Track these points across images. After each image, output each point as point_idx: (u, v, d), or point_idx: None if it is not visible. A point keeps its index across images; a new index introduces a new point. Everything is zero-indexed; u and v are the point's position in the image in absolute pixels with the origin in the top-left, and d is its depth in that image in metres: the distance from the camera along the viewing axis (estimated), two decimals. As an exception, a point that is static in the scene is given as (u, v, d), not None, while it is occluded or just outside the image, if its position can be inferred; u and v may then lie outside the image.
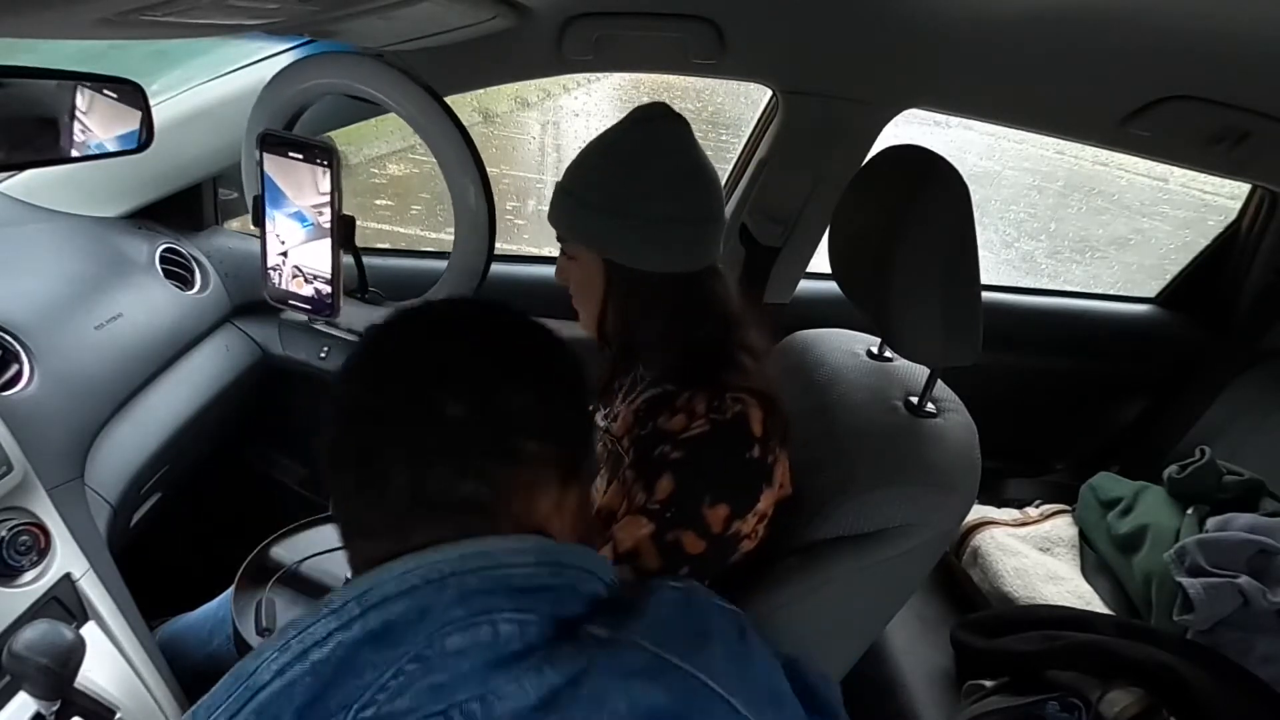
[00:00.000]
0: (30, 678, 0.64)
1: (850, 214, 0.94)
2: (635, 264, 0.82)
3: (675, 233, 0.81)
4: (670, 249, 0.82)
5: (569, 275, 0.88)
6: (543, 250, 4.78)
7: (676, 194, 0.81)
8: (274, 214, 0.66)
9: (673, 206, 0.81)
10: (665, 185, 0.81)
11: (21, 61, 0.74)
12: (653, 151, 0.81)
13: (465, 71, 1.21)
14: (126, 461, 0.98)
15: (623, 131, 0.83)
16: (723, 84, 1.43)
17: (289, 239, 0.66)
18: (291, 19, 0.74)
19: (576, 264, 0.87)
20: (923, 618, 1.21)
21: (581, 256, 0.85)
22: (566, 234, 0.86)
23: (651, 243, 0.81)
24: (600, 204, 0.81)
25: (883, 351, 1.00)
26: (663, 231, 0.81)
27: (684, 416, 0.80)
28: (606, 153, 0.83)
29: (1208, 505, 1.26)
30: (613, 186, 0.81)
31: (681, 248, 0.82)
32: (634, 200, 0.80)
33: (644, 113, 0.83)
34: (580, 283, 0.87)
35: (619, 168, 0.81)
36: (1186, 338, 1.70)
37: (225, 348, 1.26)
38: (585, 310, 0.88)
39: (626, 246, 0.82)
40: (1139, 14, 0.92)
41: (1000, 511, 1.40)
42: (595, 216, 0.81)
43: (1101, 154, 5.55)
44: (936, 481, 0.82)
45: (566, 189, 0.84)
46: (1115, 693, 0.98)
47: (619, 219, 0.80)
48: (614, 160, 0.82)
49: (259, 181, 0.65)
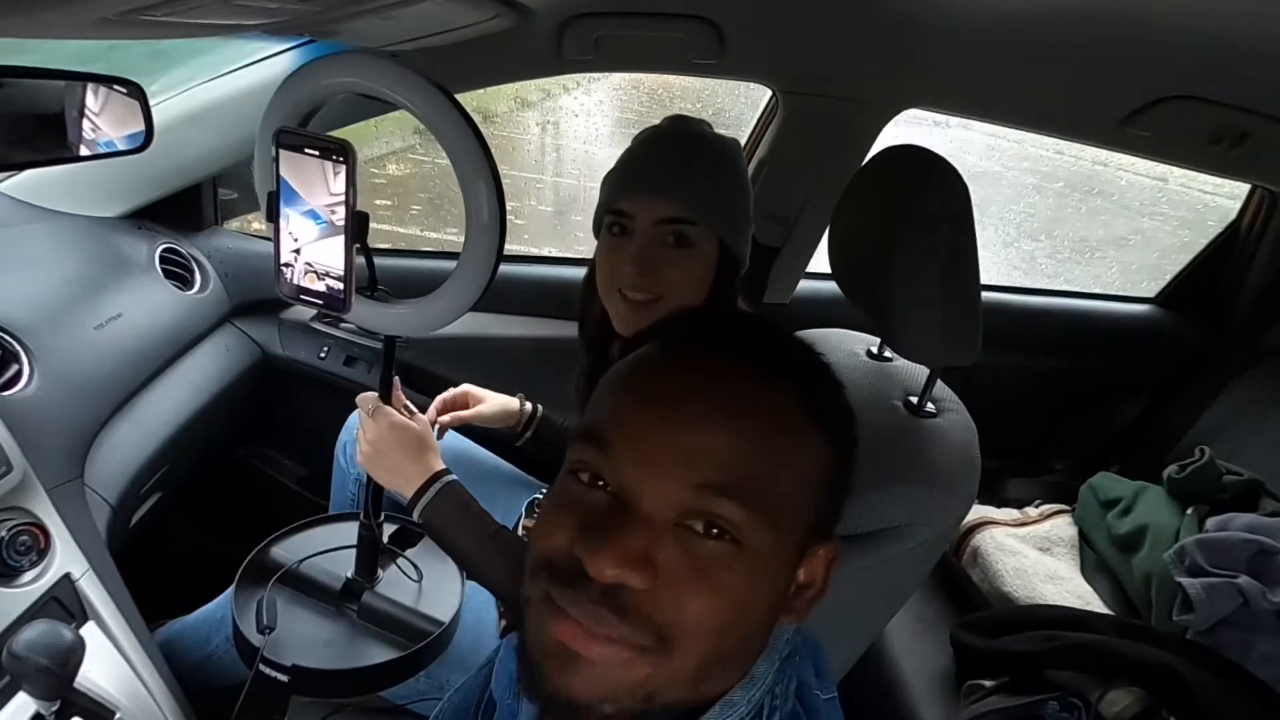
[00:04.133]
0: (30, 678, 0.64)
1: (850, 214, 0.94)
2: (741, 251, 0.84)
3: (751, 225, 0.85)
4: (748, 238, 0.86)
5: (672, 264, 0.80)
6: (543, 250, 4.79)
7: (749, 187, 0.85)
8: (288, 212, 0.66)
9: (750, 199, 0.85)
10: (746, 177, 0.85)
11: (21, 61, 0.74)
12: (727, 147, 0.84)
13: (465, 71, 1.21)
14: (126, 461, 0.98)
15: (686, 129, 0.84)
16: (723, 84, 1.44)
17: (302, 237, 0.67)
18: (291, 19, 0.74)
19: (688, 252, 0.80)
20: (923, 618, 1.21)
21: (700, 244, 0.80)
22: (695, 208, 0.79)
23: (748, 229, 0.84)
24: (726, 191, 0.80)
25: (882, 351, 1.00)
26: (750, 223, 0.85)
27: None
28: (696, 147, 0.82)
29: (1207, 505, 1.26)
30: (729, 167, 0.81)
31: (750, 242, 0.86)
32: (744, 196, 0.83)
33: (699, 124, 0.86)
34: (686, 273, 0.81)
35: (719, 154, 0.82)
36: (1186, 337, 1.70)
37: (225, 348, 1.27)
38: (678, 303, 0.81)
39: (741, 237, 0.83)
40: (1139, 14, 0.92)
41: (1000, 511, 1.40)
42: (727, 192, 0.81)
43: (1101, 154, 5.55)
44: (936, 481, 0.82)
45: (686, 160, 0.80)
46: (1115, 693, 0.98)
47: (740, 209, 0.82)
48: (710, 155, 0.82)
49: (274, 178, 0.66)
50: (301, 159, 0.65)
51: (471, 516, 0.85)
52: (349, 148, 0.64)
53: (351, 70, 0.70)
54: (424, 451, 0.85)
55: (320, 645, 0.83)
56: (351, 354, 1.38)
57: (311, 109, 0.73)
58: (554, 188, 6.14)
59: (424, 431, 0.85)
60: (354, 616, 0.87)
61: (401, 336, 0.83)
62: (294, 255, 0.69)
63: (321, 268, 0.68)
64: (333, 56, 0.71)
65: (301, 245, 0.68)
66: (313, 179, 0.65)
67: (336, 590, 0.87)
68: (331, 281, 0.68)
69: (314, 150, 0.64)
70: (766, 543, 0.41)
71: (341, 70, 0.70)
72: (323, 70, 0.71)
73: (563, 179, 6.41)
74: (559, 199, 5.92)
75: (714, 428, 0.41)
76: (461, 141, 0.68)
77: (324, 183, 0.65)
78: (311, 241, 0.68)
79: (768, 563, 0.42)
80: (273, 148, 0.66)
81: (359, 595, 0.87)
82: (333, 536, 0.94)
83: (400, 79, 0.68)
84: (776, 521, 0.41)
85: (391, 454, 0.83)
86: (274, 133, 0.66)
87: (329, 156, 0.64)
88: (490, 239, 0.71)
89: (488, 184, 0.70)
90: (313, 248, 0.68)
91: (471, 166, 0.69)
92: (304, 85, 0.72)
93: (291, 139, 0.65)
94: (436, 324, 0.77)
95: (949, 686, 1.10)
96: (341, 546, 0.91)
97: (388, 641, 0.84)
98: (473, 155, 0.69)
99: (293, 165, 0.65)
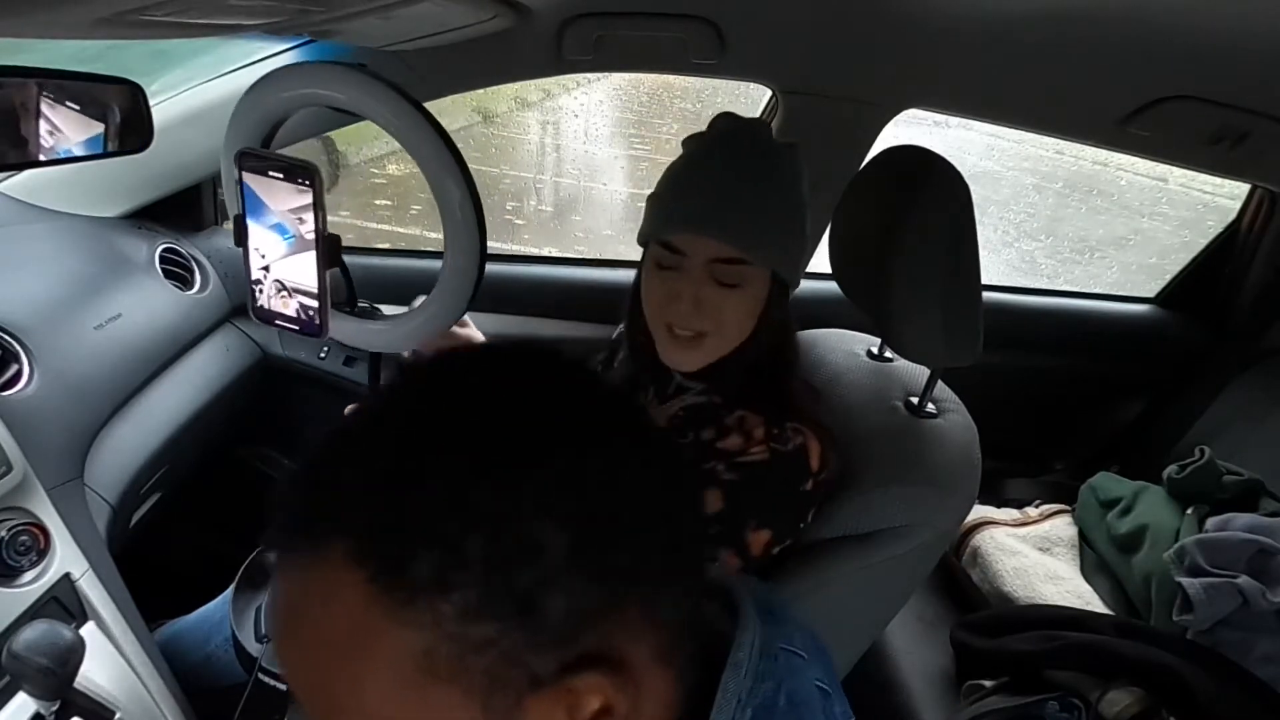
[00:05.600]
0: (30, 678, 0.64)
1: (850, 214, 0.94)
2: (794, 281, 0.79)
3: (807, 249, 0.81)
4: (804, 265, 0.82)
5: (722, 303, 0.76)
6: (542, 250, 4.79)
7: (804, 203, 0.79)
8: (253, 226, 0.63)
9: (809, 225, 0.80)
10: (805, 202, 0.79)
11: (21, 61, 0.74)
12: (789, 168, 0.78)
13: (465, 71, 1.21)
14: (126, 461, 0.98)
15: (751, 144, 0.77)
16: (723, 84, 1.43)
17: (270, 253, 0.63)
18: (291, 19, 0.74)
19: (739, 291, 0.76)
20: (923, 618, 1.21)
21: (751, 281, 0.76)
22: (749, 252, 0.74)
23: (803, 249, 0.80)
24: (780, 218, 0.76)
25: (883, 352, 1.00)
26: (807, 248, 0.80)
27: (739, 438, 0.78)
28: (751, 167, 0.75)
29: (1207, 505, 1.26)
30: (783, 196, 0.76)
31: (805, 264, 0.82)
32: (799, 215, 0.78)
33: (738, 124, 0.79)
34: (739, 309, 0.77)
35: (775, 181, 0.76)
36: (1186, 338, 1.70)
37: (225, 348, 1.26)
38: (727, 340, 0.79)
39: (796, 263, 0.79)
40: (1139, 14, 0.92)
41: (1000, 511, 1.40)
42: (776, 232, 0.76)
43: (1101, 154, 5.55)
44: (936, 482, 0.82)
45: (739, 200, 0.74)
46: (1115, 693, 0.98)
47: (794, 234, 0.77)
48: (765, 174, 0.75)
49: (239, 200, 0.63)
50: (265, 181, 0.62)
51: None
52: (314, 170, 0.61)
53: (311, 82, 0.67)
54: None
55: None
56: (351, 354, 1.38)
57: (273, 125, 0.71)
58: (554, 188, 6.14)
59: None
60: None
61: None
62: (263, 273, 0.65)
63: (293, 284, 0.64)
64: (289, 68, 0.68)
65: (270, 262, 0.64)
66: (279, 195, 0.62)
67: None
68: (304, 299, 0.64)
69: (278, 173, 0.61)
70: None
71: (300, 82, 0.67)
72: (279, 83, 0.68)
73: (563, 179, 6.41)
74: (559, 199, 5.92)
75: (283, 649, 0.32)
76: (430, 148, 0.66)
77: (289, 193, 0.62)
78: (280, 258, 0.64)
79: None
80: (235, 170, 0.63)
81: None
82: None
83: (357, 87, 0.65)
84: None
85: None
86: (235, 154, 0.63)
87: (293, 179, 0.61)
88: (470, 249, 0.68)
89: (460, 186, 0.67)
90: (282, 264, 0.64)
91: (442, 173, 0.66)
92: (262, 101, 0.69)
93: (253, 162, 0.62)
94: (419, 339, 0.75)
95: (949, 686, 1.10)
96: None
97: None
98: (441, 158, 0.66)
99: (258, 185, 0.63)
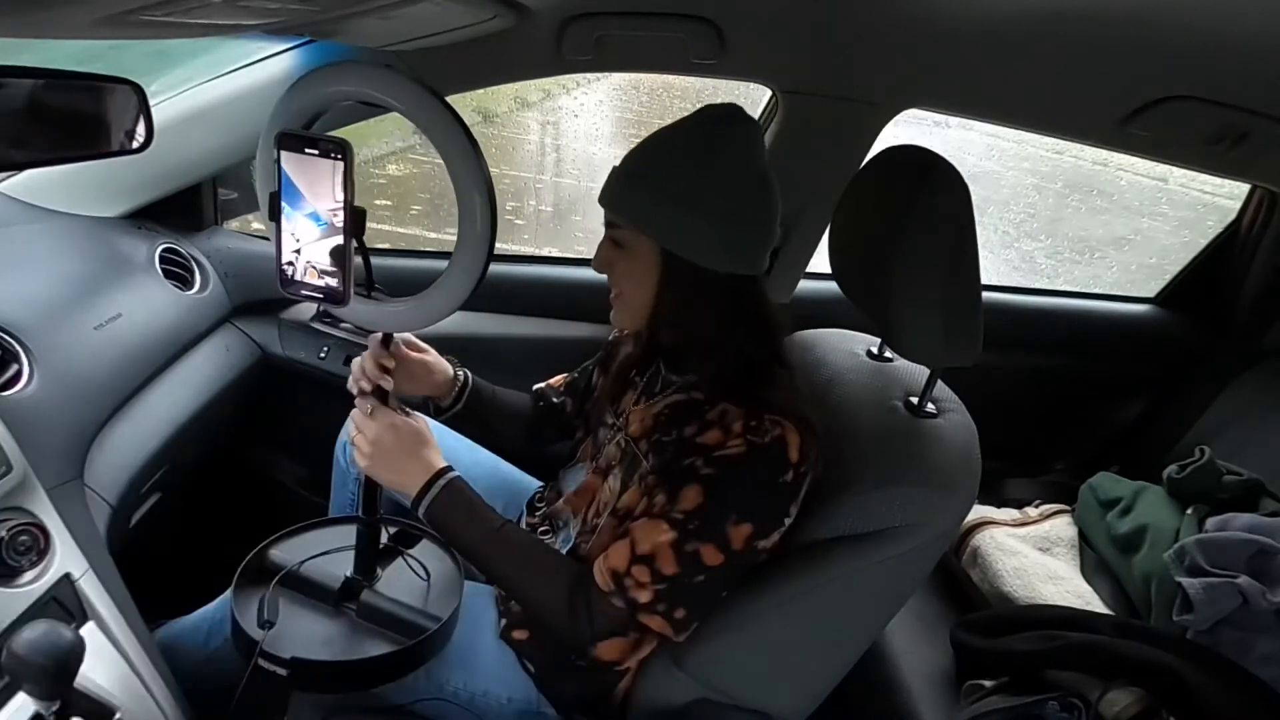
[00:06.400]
0: (30, 678, 0.64)
1: (850, 214, 0.94)
2: (700, 260, 0.79)
3: (744, 234, 0.80)
4: (738, 250, 0.80)
5: (613, 264, 0.84)
6: (542, 250, 4.79)
7: (749, 195, 0.80)
8: (291, 213, 0.70)
9: (746, 208, 0.80)
10: (740, 184, 0.80)
11: (21, 61, 0.74)
12: (729, 150, 0.79)
13: (465, 71, 1.22)
14: (126, 461, 0.98)
15: (696, 126, 0.81)
16: (723, 84, 1.44)
17: (304, 237, 0.70)
18: (291, 19, 0.74)
19: (626, 253, 0.83)
20: (923, 618, 1.21)
21: (636, 246, 0.82)
22: (629, 219, 0.81)
23: (723, 241, 0.79)
24: (676, 193, 0.78)
25: (883, 352, 1.00)
26: (734, 231, 0.79)
27: (718, 432, 0.78)
28: (681, 144, 0.80)
29: (1207, 505, 1.27)
30: (691, 177, 0.78)
31: (747, 250, 0.81)
32: (711, 194, 0.78)
33: (718, 111, 0.81)
34: (627, 273, 0.83)
35: (695, 160, 0.78)
36: (1186, 338, 1.70)
37: (225, 348, 1.26)
38: (631, 304, 0.85)
39: (696, 241, 0.79)
40: (1139, 14, 0.92)
41: (1000, 511, 1.40)
42: (668, 205, 0.78)
43: (1101, 154, 5.55)
44: (936, 482, 0.82)
45: (634, 173, 0.81)
46: (1115, 693, 0.98)
47: (693, 212, 0.78)
48: (690, 153, 0.79)
49: (276, 179, 0.69)
50: (302, 159, 0.68)
51: (476, 512, 0.86)
52: (346, 146, 0.67)
53: (356, 80, 0.73)
54: (425, 448, 0.85)
55: (319, 643, 0.83)
56: (351, 354, 1.38)
57: (314, 115, 0.76)
58: (554, 188, 6.14)
59: (422, 429, 0.85)
60: (353, 615, 0.87)
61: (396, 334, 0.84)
62: (295, 255, 0.72)
63: (321, 265, 0.71)
64: (338, 65, 0.74)
65: (303, 245, 0.71)
66: (315, 183, 0.68)
67: (335, 590, 0.87)
68: (330, 279, 0.71)
69: (313, 150, 0.67)
70: None
71: (346, 79, 0.74)
72: (327, 78, 0.74)
73: (563, 179, 6.42)
74: (559, 199, 5.92)
75: None
76: (458, 150, 0.72)
77: (326, 187, 0.68)
78: (313, 242, 0.71)
79: None
80: (275, 150, 0.69)
81: (358, 594, 0.87)
82: (331, 538, 0.94)
83: (400, 88, 0.71)
84: None
85: (393, 454, 0.83)
86: (275, 135, 0.69)
87: (328, 154, 0.67)
88: (481, 244, 0.74)
89: (482, 194, 0.73)
90: (313, 247, 0.71)
91: (468, 177, 0.73)
92: (309, 91, 0.75)
93: (291, 141, 0.68)
94: (431, 319, 0.79)
95: (949, 686, 1.10)
96: (341, 548, 0.91)
97: (387, 639, 0.84)
98: (470, 165, 0.72)
99: (295, 166, 0.68)
